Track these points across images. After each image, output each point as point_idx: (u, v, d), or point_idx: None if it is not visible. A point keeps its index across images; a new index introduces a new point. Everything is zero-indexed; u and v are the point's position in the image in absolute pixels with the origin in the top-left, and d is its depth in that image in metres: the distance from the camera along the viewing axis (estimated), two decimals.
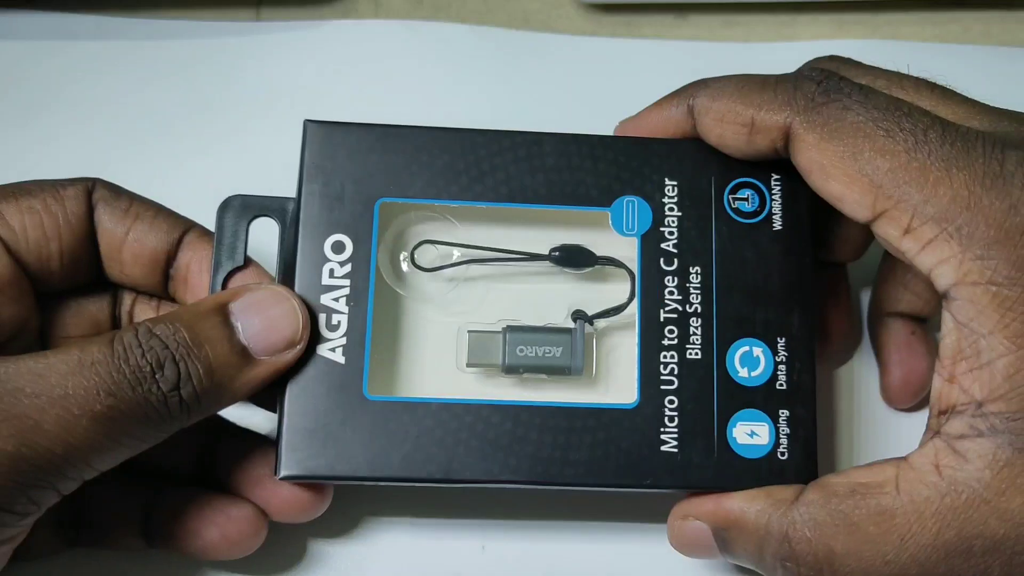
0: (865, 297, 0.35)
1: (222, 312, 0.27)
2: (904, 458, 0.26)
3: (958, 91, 0.28)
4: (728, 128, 0.29)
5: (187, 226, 0.30)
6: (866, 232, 0.28)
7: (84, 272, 0.30)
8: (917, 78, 0.29)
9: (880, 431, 0.34)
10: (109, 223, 0.30)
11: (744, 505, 0.28)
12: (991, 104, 0.28)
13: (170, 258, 0.30)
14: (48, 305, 0.30)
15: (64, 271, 0.29)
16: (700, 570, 0.32)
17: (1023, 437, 0.24)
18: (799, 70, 0.28)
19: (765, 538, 0.27)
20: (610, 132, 0.32)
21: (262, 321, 0.27)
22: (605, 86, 0.39)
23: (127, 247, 0.30)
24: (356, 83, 0.39)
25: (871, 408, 0.34)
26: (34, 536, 0.28)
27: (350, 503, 0.33)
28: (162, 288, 0.31)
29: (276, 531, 0.32)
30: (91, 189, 0.30)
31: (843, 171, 0.27)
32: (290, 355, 0.28)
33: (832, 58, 0.30)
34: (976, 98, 0.29)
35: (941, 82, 0.29)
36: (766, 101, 0.28)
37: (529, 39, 0.40)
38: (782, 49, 0.40)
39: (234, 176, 0.33)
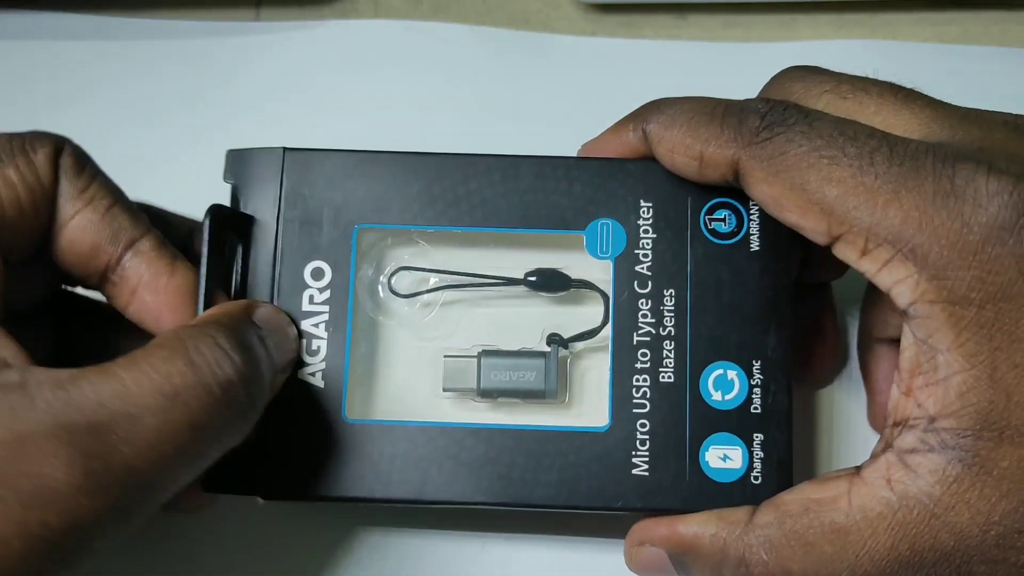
0: (853, 319, 0.35)
1: (251, 322, 0.28)
2: (856, 471, 0.27)
3: (923, 94, 0.28)
4: (679, 160, 0.29)
5: (142, 232, 0.29)
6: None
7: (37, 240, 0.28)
8: (881, 82, 0.28)
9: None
10: (60, 198, 0.28)
11: (698, 529, 0.28)
12: (986, 103, 0.28)
13: (111, 260, 0.28)
14: None
15: (32, 230, 0.28)
16: None
17: (971, 453, 0.25)
18: (747, 101, 0.28)
19: (722, 562, 0.27)
20: None
21: (278, 336, 0.28)
22: (605, 86, 0.39)
23: (67, 231, 0.28)
24: (356, 83, 0.39)
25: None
26: None
27: (349, 504, 0.33)
28: (91, 283, 0.29)
29: (275, 537, 0.32)
30: (58, 152, 0.28)
31: (794, 203, 0.27)
32: (284, 378, 0.29)
33: (795, 69, 0.30)
34: (974, 98, 0.28)
35: (908, 84, 0.28)
36: (713, 136, 0.28)
37: (529, 39, 0.40)
38: (782, 49, 0.40)
39: None
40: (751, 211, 0.30)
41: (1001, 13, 0.41)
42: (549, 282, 0.31)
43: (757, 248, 0.30)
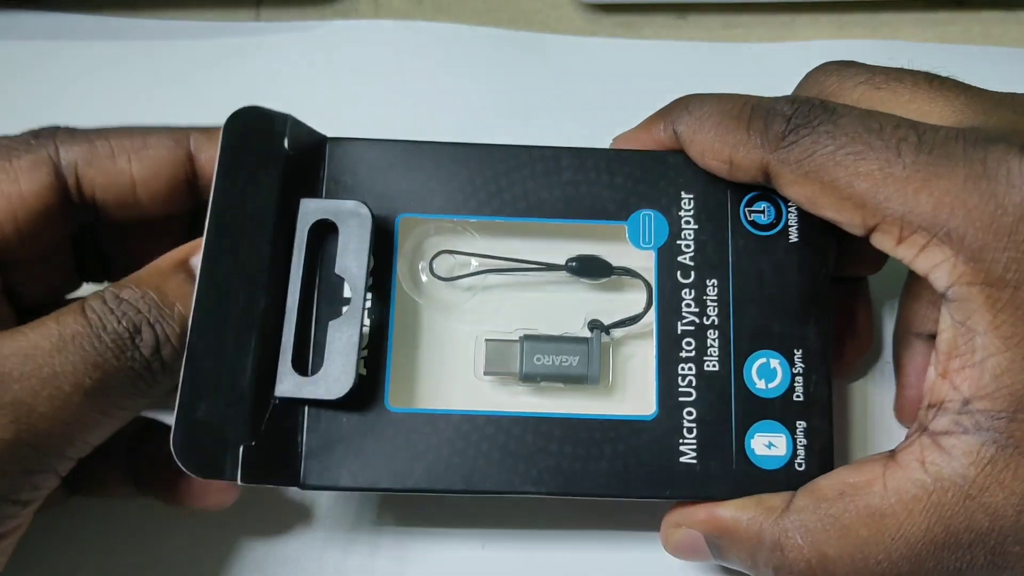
0: (888, 311, 0.35)
1: (184, 268, 0.27)
2: (891, 454, 0.27)
3: (957, 80, 0.29)
4: (710, 163, 0.29)
5: (185, 135, 0.29)
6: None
7: (52, 235, 0.29)
8: (915, 72, 0.29)
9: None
10: (105, 177, 0.28)
11: (736, 514, 0.28)
12: None
13: (189, 175, 0.29)
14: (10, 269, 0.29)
15: (24, 242, 0.28)
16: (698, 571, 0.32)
17: (1005, 435, 0.25)
18: (774, 101, 0.28)
19: (757, 546, 0.27)
20: (609, 133, 0.32)
21: None
22: (605, 86, 0.39)
23: (140, 189, 0.29)
24: (356, 83, 0.39)
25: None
26: (100, 475, 0.29)
27: (349, 504, 0.33)
28: (198, 201, 0.30)
29: (276, 534, 0.32)
30: (56, 153, 0.28)
31: (827, 200, 0.27)
32: None
33: (831, 64, 0.30)
34: None
35: (944, 73, 0.29)
36: (740, 141, 0.28)
37: (529, 39, 0.40)
38: (782, 49, 0.40)
39: None
40: (789, 204, 0.30)
41: (1001, 13, 0.41)
42: (590, 268, 0.31)
43: (796, 240, 0.30)
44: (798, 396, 0.29)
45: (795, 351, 0.30)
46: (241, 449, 0.26)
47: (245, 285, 0.27)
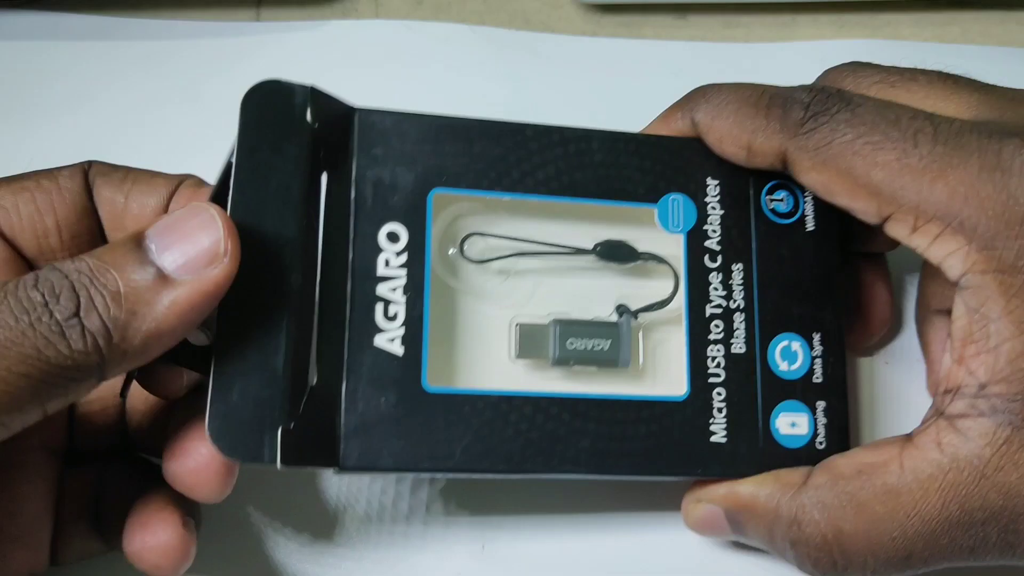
0: (908, 286, 0.36)
1: (134, 238, 0.25)
2: (907, 436, 0.27)
3: (972, 79, 0.29)
4: (728, 149, 0.30)
5: (182, 179, 0.29)
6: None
7: (89, 248, 0.27)
8: (929, 72, 0.29)
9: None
10: (109, 192, 0.29)
11: (755, 489, 0.29)
12: None
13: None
14: None
15: (65, 246, 0.28)
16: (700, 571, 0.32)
17: (1020, 417, 0.26)
18: (792, 90, 0.29)
19: (775, 521, 0.28)
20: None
21: (177, 236, 0.25)
22: (605, 86, 0.39)
23: (128, 213, 0.29)
24: (356, 83, 0.38)
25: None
26: (71, 536, 0.28)
27: (349, 504, 0.33)
28: None
29: (276, 531, 0.32)
30: (87, 168, 0.29)
31: (843, 188, 0.28)
32: (217, 271, 0.24)
33: (846, 65, 0.31)
34: None
35: (958, 71, 0.29)
36: (759, 127, 0.29)
37: (529, 39, 0.40)
38: (782, 50, 0.40)
39: None
40: (805, 194, 0.31)
41: (1002, 13, 0.41)
42: (616, 253, 0.32)
43: (812, 228, 0.31)
44: (817, 377, 0.30)
45: (813, 334, 0.31)
46: (279, 431, 0.26)
47: (275, 264, 0.26)
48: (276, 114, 0.28)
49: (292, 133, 0.27)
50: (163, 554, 0.27)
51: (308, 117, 0.28)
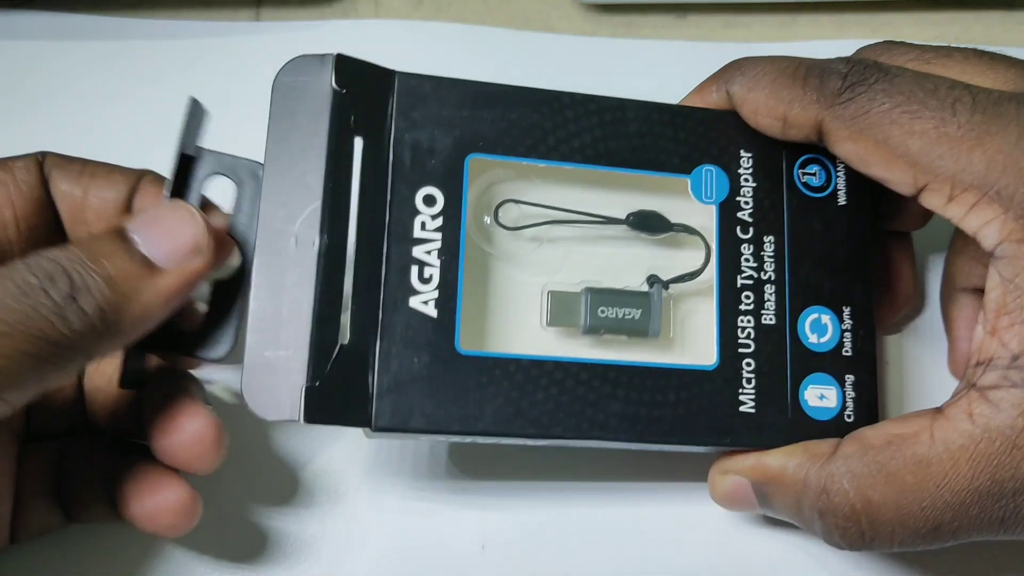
0: (931, 266, 0.36)
1: (117, 231, 0.26)
2: (938, 409, 0.27)
3: (1008, 55, 0.29)
4: (763, 120, 0.30)
5: (141, 174, 0.30)
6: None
7: (45, 241, 0.29)
8: (965, 48, 0.29)
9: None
10: (66, 186, 0.29)
11: (783, 460, 0.29)
12: None
13: (130, 209, 0.29)
14: None
15: (23, 239, 0.28)
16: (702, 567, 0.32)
17: None
18: (829, 61, 0.29)
19: (803, 491, 0.28)
20: None
21: (159, 230, 0.26)
22: (605, 86, 0.38)
23: (89, 207, 0.29)
24: None
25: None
26: (31, 512, 0.28)
27: (348, 503, 0.33)
28: None
29: (275, 529, 0.32)
30: (41, 160, 0.29)
31: (879, 157, 0.28)
32: (199, 262, 0.26)
33: (880, 44, 0.31)
34: None
35: (992, 49, 0.29)
36: (796, 97, 0.29)
37: (529, 39, 0.40)
38: (782, 50, 0.39)
39: None
40: (838, 168, 0.31)
41: (1002, 13, 0.41)
42: (649, 223, 0.32)
43: (844, 203, 0.31)
44: (847, 351, 0.30)
45: (844, 308, 0.31)
46: (303, 390, 0.26)
47: (298, 231, 0.27)
48: (301, 85, 0.28)
49: (314, 100, 0.28)
50: (176, 512, 0.28)
51: (332, 83, 0.28)
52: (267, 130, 0.28)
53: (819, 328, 0.30)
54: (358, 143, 0.28)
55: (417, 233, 0.29)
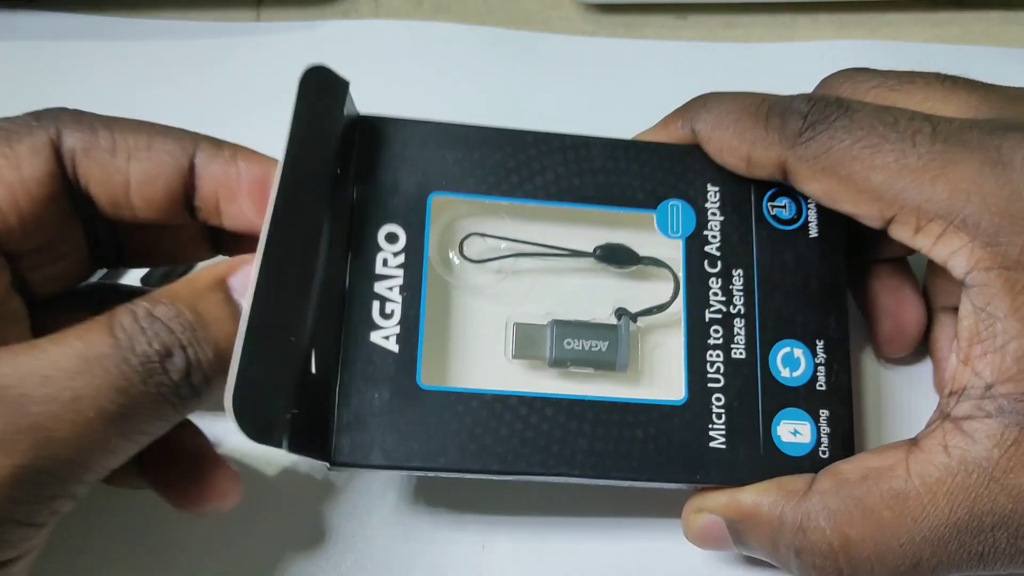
0: None
1: (222, 288, 0.26)
2: (913, 441, 0.27)
3: (971, 79, 0.29)
4: (728, 160, 0.30)
5: (193, 145, 0.28)
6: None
7: (57, 224, 0.28)
8: (927, 74, 0.29)
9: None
10: (101, 172, 0.27)
11: (757, 498, 0.28)
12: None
13: (188, 188, 0.28)
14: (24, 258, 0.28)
15: (28, 230, 0.27)
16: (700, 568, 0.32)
17: None
18: (791, 100, 0.29)
19: (779, 529, 0.27)
20: (610, 133, 0.32)
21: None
22: (605, 86, 0.39)
23: (134, 192, 0.27)
24: (356, 83, 0.38)
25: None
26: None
27: (350, 504, 0.33)
28: (192, 219, 0.28)
29: (273, 530, 0.32)
30: (58, 137, 0.27)
31: (844, 194, 0.28)
32: None
33: (843, 72, 0.31)
34: None
35: (958, 72, 0.29)
36: (759, 138, 0.29)
37: (529, 39, 0.40)
38: (782, 50, 0.40)
39: None
40: (809, 201, 0.31)
41: (1002, 13, 0.41)
42: (617, 256, 0.32)
43: (816, 235, 0.31)
44: (820, 385, 0.30)
45: (817, 341, 0.30)
46: (288, 417, 0.25)
47: (304, 248, 0.27)
48: (325, 102, 0.28)
49: (333, 123, 0.28)
50: (217, 496, 0.28)
51: (347, 110, 0.29)
52: (289, 133, 0.27)
53: (791, 362, 0.30)
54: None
55: (379, 269, 0.29)
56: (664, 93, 0.32)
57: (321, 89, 0.28)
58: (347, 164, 0.29)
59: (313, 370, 0.27)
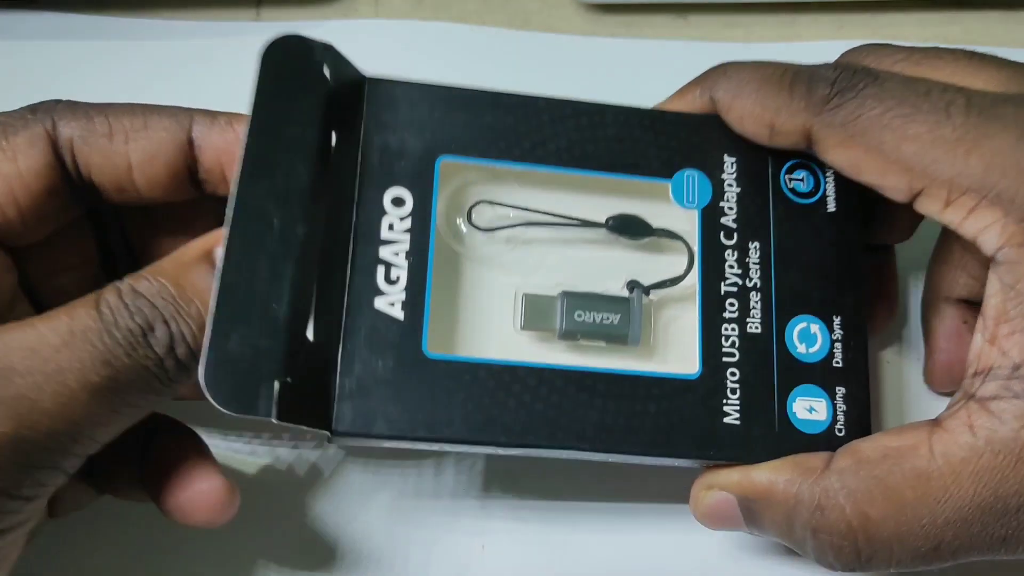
0: (909, 280, 0.35)
1: (207, 260, 0.26)
2: (935, 420, 0.26)
3: (996, 56, 0.28)
4: (749, 128, 0.29)
5: (189, 118, 0.28)
6: (914, 212, 0.28)
7: (57, 217, 0.28)
8: (954, 50, 0.29)
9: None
10: (101, 157, 0.27)
11: (772, 475, 0.27)
12: None
13: (190, 162, 0.28)
14: (31, 253, 0.28)
15: (28, 224, 0.27)
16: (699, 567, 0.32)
17: None
18: (816, 67, 0.28)
19: (795, 508, 0.27)
20: None
21: None
22: (605, 86, 0.38)
23: (137, 173, 0.28)
24: None
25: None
26: (66, 489, 0.27)
27: (344, 503, 0.33)
28: (199, 192, 0.29)
29: (276, 527, 0.32)
30: (54, 128, 0.27)
31: (872, 164, 0.27)
32: None
33: (866, 46, 0.30)
34: None
35: (982, 50, 0.29)
36: (783, 105, 0.28)
37: (529, 39, 0.40)
38: (782, 49, 0.40)
39: None
40: (827, 174, 0.31)
41: (1003, 13, 0.40)
42: (630, 228, 0.31)
43: (833, 209, 0.30)
44: (837, 362, 0.29)
45: (834, 317, 0.30)
46: (276, 384, 0.25)
47: (281, 213, 0.26)
48: (295, 67, 0.28)
49: (309, 87, 0.28)
50: (211, 507, 0.28)
51: (326, 73, 0.28)
52: (252, 101, 0.27)
53: (808, 338, 0.29)
54: (333, 139, 0.28)
55: (384, 234, 0.28)
56: (664, 93, 0.32)
57: (293, 57, 0.28)
58: (351, 126, 0.29)
59: (311, 336, 0.26)
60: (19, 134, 0.27)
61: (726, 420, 0.28)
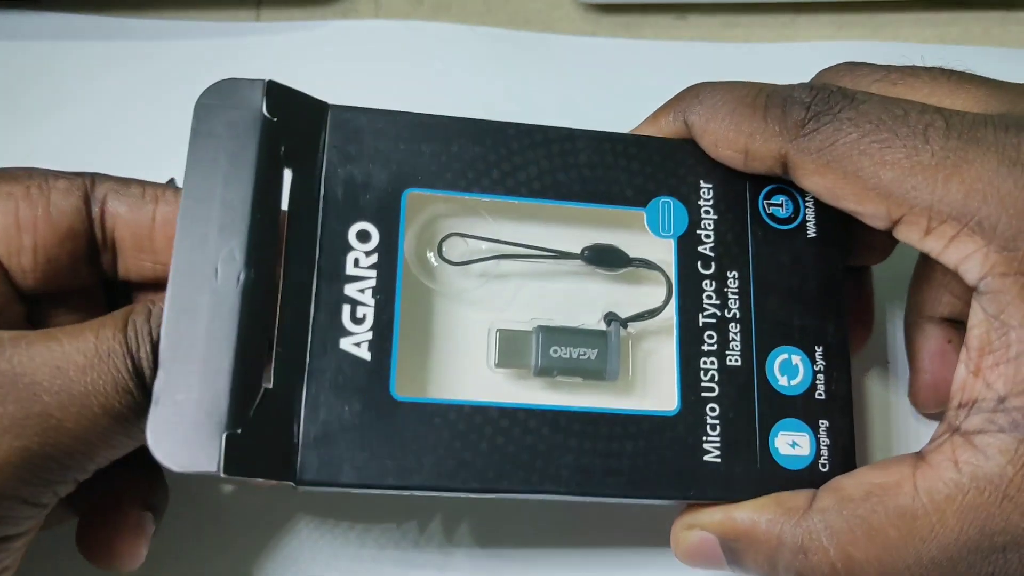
0: (892, 298, 0.35)
1: None
2: (919, 455, 0.26)
3: (975, 74, 0.28)
4: (724, 153, 0.28)
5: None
6: (891, 235, 0.27)
7: (67, 275, 0.28)
8: (931, 68, 0.28)
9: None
10: (128, 212, 0.27)
11: (754, 515, 0.27)
12: None
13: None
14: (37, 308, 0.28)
15: (37, 268, 0.27)
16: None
17: None
18: (791, 89, 0.27)
19: (778, 549, 0.26)
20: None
21: None
22: (605, 86, 0.39)
23: (158, 231, 0.28)
24: (356, 83, 0.39)
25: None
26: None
27: (346, 504, 0.33)
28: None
29: (263, 546, 0.32)
30: (91, 184, 0.27)
31: (849, 191, 0.26)
32: None
33: (842, 65, 0.30)
34: None
35: (959, 68, 0.28)
36: (757, 129, 0.27)
37: (529, 39, 0.40)
38: (782, 50, 0.40)
39: None
40: (806, 199, 0.30)
41: (1002, 13, 0.41)
42: (606, 258, 0.30)
43: (814, 235, 0.30)
44: (820, 394, 0.28)
45: (816, 347, 0.29)
46: (223, 437, 0.24)
47: (223, 262, 0.25)
48: (229, 110, 0.27)
49: (243, 125, 0.27)
50: (123, 553, 0.28)
51: (264, 110, 0.27)
52: (187, 154, 0.26)
53: (789, 369, 0.28)
54: (287, 175, 0.27)
55: (349, 270, 0.27)
56: (664, 93, 0.32)
57: (227, 102, 0.27)
58: (309, 159, 0.27)
59: (271, 383, 0.25)
60: (60, 178, 0.27)
61: (706, 458, 0.27)
